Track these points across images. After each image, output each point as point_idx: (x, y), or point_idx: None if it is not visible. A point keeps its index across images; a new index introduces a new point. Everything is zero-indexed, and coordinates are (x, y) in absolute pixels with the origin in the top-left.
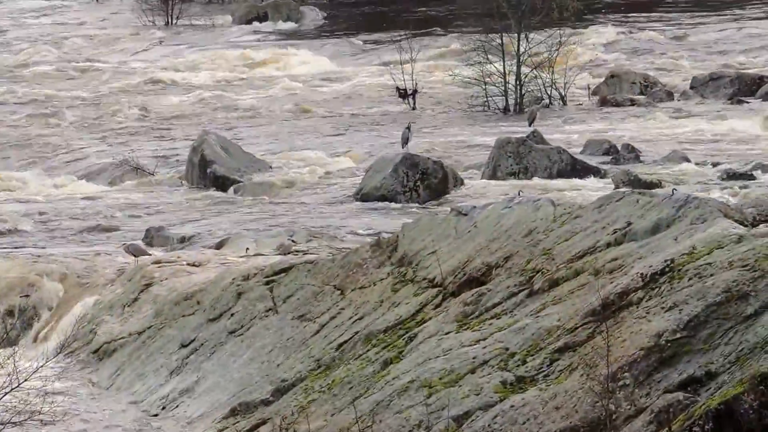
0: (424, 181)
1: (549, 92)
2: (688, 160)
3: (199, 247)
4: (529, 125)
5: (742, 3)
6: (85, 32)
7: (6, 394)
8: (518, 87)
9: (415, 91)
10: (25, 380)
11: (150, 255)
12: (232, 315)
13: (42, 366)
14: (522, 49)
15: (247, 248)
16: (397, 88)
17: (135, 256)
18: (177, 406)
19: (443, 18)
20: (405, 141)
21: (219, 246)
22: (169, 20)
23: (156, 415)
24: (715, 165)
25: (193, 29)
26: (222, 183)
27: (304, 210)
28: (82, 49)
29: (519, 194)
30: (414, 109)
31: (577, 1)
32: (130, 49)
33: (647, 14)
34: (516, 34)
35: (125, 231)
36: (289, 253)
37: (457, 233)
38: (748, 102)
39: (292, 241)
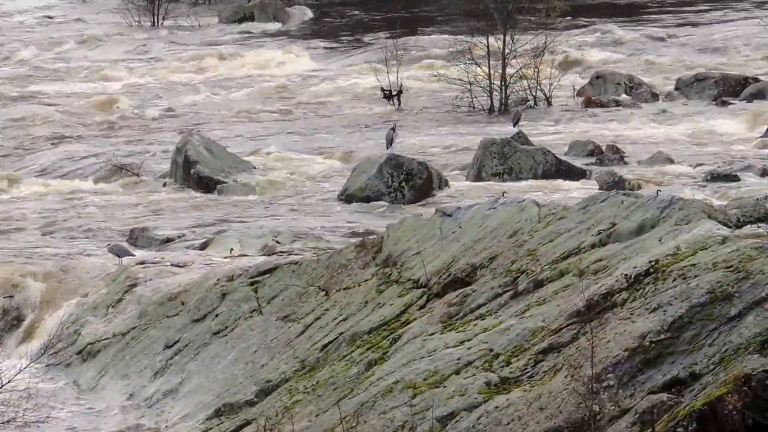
0: (409, 181)
1: (534, 93)
2: (672, 161)
3: (183, 247)
4: (514, 126)
5: (726, 4)
6: (70, 32)
7: None
8: (503, 88)
9: (400, 92)
10: (9, 381)
11: (134, 256)
12: (216, 316)
13: (26, 367)
14: (507, 50)
15: (232, 249)
16: (382, 89)
17: (119, 256)
18: (161, 407)
19: (429, 19)
20: (390, 142)
21: (203, 247)
22: (155, 21)
23: (140, 416)
24: (699, 166)
25: (179, 29)
26: (206, 184)
27: (289, 211)
28: (67, 49)
29: (503, 195)
30: (399, 109)
31: (563, 2)
32: (116, 49)
33: (632, 15)
34: (501, 35)
35: (109, 232)
36: (273, 254)
37: (442, 234)
38: (732, 103)
39: (277, 241)
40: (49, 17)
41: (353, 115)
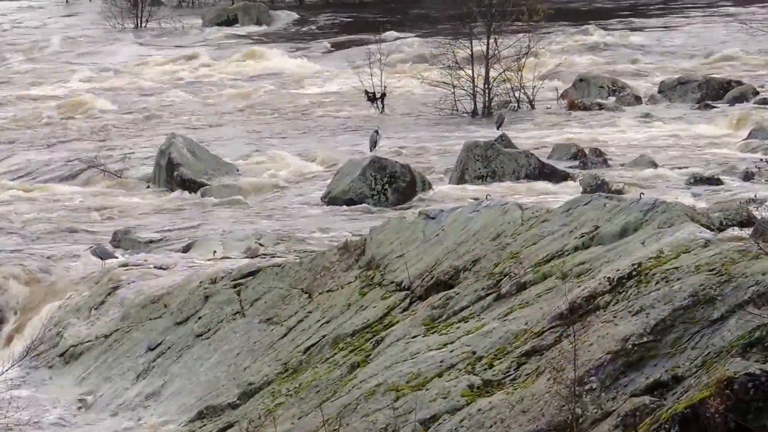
0: (392, 184)
1: (517, 96)
2: (655, 165)
3: (166, 250)
4: (497, 129)
5: (709, 8)
6: (52, 34)
7: None
8: (487, 91)
9: (383, 95)
10: None
11: (117, 258)
12: (199, 318)
13: (8, 369)
14: (491, 53)
15: (215, 251)
16: (366, 92)
17: (102, 259)
18: (143, 410)
19: (413, 22)
20: (373, 144)
21: (186, 249)
22: (139, 23)
23: (122, 419)
24: (682, 169)
25: (163, 32)
26: (189, 186)
27: (272, 213)
28: (49, 51)
29: (487, 198)
30: (382, 112)
31: (546, 5)
32: (99, 51)
33: (616, 19)
34: (485, 38)
35: (92, 234)
36: (256, 257)
37: (425, 237)
38: (715, 106)
39: (260, 244)
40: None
41: (336, 117)
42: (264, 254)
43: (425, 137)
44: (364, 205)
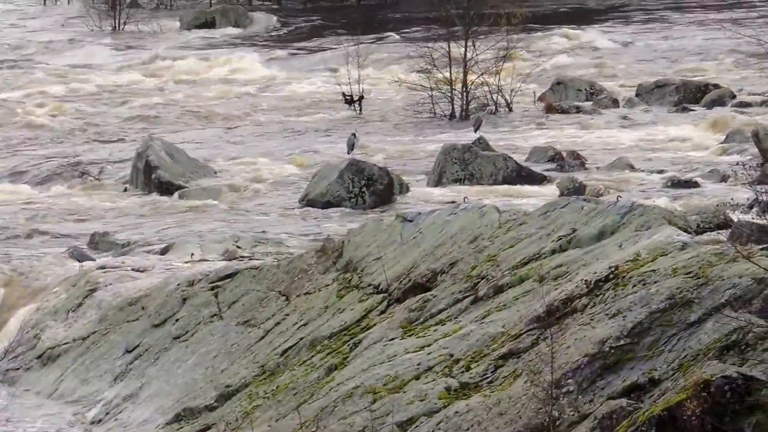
0: (370, 187)
1: (495, 99)
2: (633, 168)
3: (143, 252)
4: (475, 132)
5: (686, 11)
6: (31, 36)
7: None
8: (465, 94)
9: (361, 97)
10: None
11: (95, 260)
12: (176, 321)
13: None
14: (469, 56)
15: (192, 254)
16: (343, 94)
17: (80, 261)
18: (121, 412)
19: (391, 25)
20: (351, 147)
21: (164, 251)
22: (117, 25)
23: (99, 421)
24: (659, 172)
25: (141, 34)
26: (167, 188)
27: (250, 215)
28: (26, 53)
29: (464, 201)
30: (360, 115)
31: (524, 9)
32: (76, 53)
33: (593, 22)
34: (463, 41)
35: (69, 236)
36: (234, 259)
37: (403, 239)
38: (693, 109)
39: (237, 246)
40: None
41: (314, 120)
42: (241, 257)
43: (403, 140)
44: (341, 207)
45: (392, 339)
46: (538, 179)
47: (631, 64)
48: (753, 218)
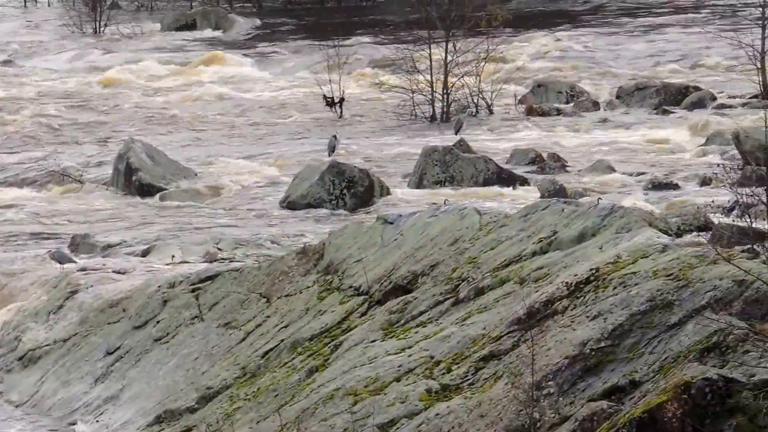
0: (351, 189)
1: (476, 101)
2: (613, 170)
3: (124, 254)
4: (456, 134)
5: (667, 14)
6: (10, 38)
7: None
8: (445, 96)
9: (342, 100)
10: None
11: (76, 262)
12: (157, 322)
13: None
14: (449, 58)
15: (173, 256)
16: (324, 96)
17: (61, 263)
18: (101, 414)
19: (372, 27)
20: (331, 149)
21: (145, 253)
22: (97, 27)
23: (80, 423)
24: (640, 174)
25: (121, 36)
26: (148, 190)
27: (230, 217)
28: (4, 54)
29: (445, 203)
30: (341, 117)
31: (505, 10)
32: (57, 55)
33: (574, 24)
34: (444, 43)
35: (50, 238)
36: (215, 261)
37: (383, 241)
38: (673, 112)
39: (218, 248)
40: None
41: (295, 122)
42: (222, 259)
43: (384, 142)
44: (322, 209)
45: (373, 341)
46: (519, 181)
47: (611, 66)
48: (733, 220)
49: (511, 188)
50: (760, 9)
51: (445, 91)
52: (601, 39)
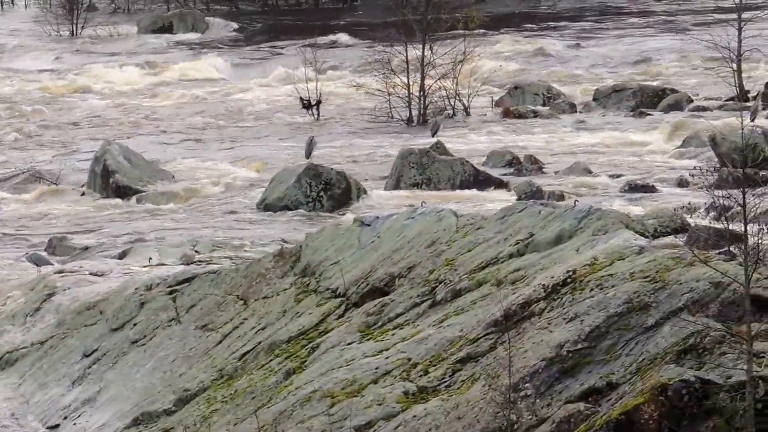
0: (328, 191)
1: (452, 103)
2: (590, 172)
3: (101, 256)
4: (433, 136)
5: (644, 16)
6: None
7: None
8: (422, 98)
9: (318, 102)
10: None
11: (53, 264)
12: (134, 325)
13: None
14: (426, 61)
15: (150, 258)
16: (301, 99)
17: (38, 265)
18: (79, 416)
19: (349, 29)
20: (309, 151)
21: (122, 256)
22: (74, 30)
23: (57, 426)
24: (617, 177)
25: (98, 39)
26: (125, 193)
27: (207, 220)
28: None
29: (422, 205)
30: (318, 119)
31: (481, 13)
32: (33, 58)
33: (551, 27)
34: (420, 45)
35: (27, 240)
36: (192, 263)
37: (360, 244)
38: (650, 114)
39: (195, 251)
40: None
41: (272, 124)
42: (199, 261)
43: (361, 144)
44: (299, 211)
45: (350, 343)
46: (496, 183)
47: (588, 68)
48: (710, 222)
49: (488, 190)
50: (736, 12)
51: (421, 94)
52: (577, 40)
